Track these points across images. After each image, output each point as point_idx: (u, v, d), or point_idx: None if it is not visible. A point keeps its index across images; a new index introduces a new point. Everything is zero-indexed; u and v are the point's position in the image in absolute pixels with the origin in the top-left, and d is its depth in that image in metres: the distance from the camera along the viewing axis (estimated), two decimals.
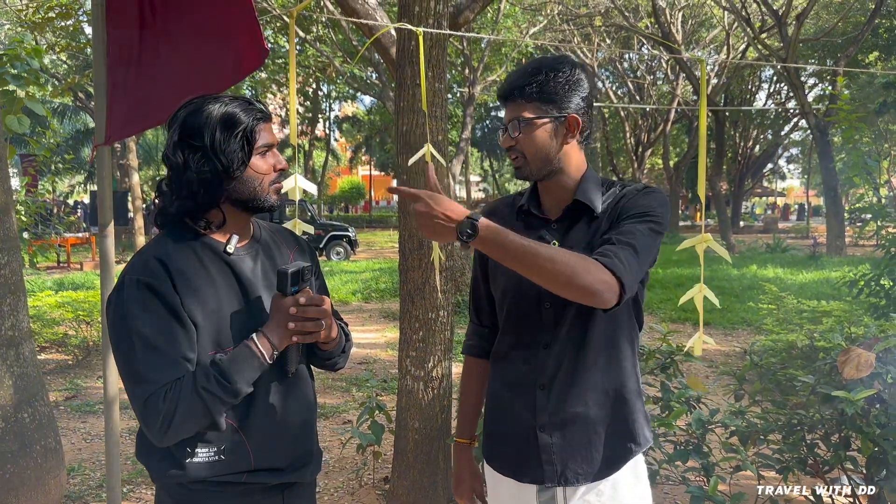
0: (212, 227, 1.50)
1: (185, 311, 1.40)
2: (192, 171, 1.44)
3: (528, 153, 1.61)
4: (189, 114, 1.46)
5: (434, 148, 2.69)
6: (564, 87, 1.59)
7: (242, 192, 1.48)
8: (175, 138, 1.46)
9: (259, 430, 1.49)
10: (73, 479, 4.14)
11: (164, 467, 1.46)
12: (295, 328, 1.44)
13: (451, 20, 4.20)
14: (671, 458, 2.84)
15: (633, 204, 1.57)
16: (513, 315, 1.71)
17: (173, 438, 1.39)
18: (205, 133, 1.43)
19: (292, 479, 1.57)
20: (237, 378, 1.38)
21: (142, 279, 1.39)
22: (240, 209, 1.52)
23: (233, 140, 1.44)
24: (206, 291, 1.44)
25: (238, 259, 1.52)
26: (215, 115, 1.45)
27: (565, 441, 1.64)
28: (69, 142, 27.60)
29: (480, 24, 13.67)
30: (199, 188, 1.45)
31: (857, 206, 5.67)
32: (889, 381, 2.53)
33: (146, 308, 1.37)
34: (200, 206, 1.47)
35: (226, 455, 1.46)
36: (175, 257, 1.43)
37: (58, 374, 6.75)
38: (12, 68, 3.94)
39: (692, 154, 23.16)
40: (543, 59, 1.65)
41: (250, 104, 1.49)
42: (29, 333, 3.33)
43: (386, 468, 4.16)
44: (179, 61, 2.19)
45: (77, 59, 22.01)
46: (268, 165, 1.51)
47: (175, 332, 1.38)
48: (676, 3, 20.55)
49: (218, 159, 1.43)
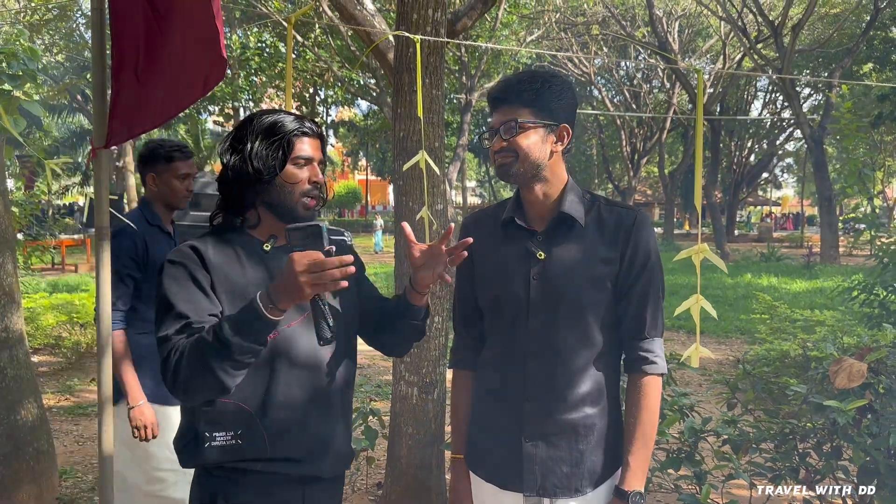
0: (248, 226, 1.61)
1: (213, 292, 1.50)
2: (229, 170, 1.57)
3: (521, 154, 1.63)
4: (247, 119, 1.60)
5: (430, 154, 2.71)
6: (558, 97, 1.63)
7: (273, 197, 1.57)
8: (228, 140, 1.60)
9: (276, 418, 1.53)
10: (65, 481, 4.12)
11: (189, 450, 1.54)
12: (310, 279, 1.33)
13: (449, 27, 4.22)
14: (663, 466, 2.84)
15: (644, 253, 1.66)
16: (501, 325, 1.72)
17: (187, 393, 1.44)
18: (249, 138, 1.56)
19: (310, 471, 1.58)
20: (228, 326, 1.35)
21: (177, 260, 1.51)
22: (272, 213, 1.60)
23: (270, 147, 1.54)
24: (237, 281, 1.53)
25: (273, 257, 1.59)
26: (265, 123, 1.56)
27: (550, 452, 1.65)
28: (64, 143, 27.55)
29: (479, 31, 13.71)
30: (236, 187, 1.56)
31: (851, 215, 5.70)
32: (880, 391, 2.55)
33: (176, 280, 1.49)
34: (237, 205, 1.59)
35: (242, 440, 1.51)
36: (211, 247, 1.55)
37: (51, 377, 6.73)
38: (8, 68, 3.92)
39: (688, 162, 23.25)
40: (537, 69, 1.71)
41: (301, 119, 1.59)
42: (22, 336, 3.32)
43: (379, 473, 4.16)
44: (173, 65, 2.19)
45: (74, 61, 22.00)
46: (303, 176, 1.57)
47: (202, 300, 1.48)
48: (673, 12, 20.66)
49: (251, 163, 1.53)
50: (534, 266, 1.66)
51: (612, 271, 1.65)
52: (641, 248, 1.65)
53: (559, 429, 1.65)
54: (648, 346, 1.64)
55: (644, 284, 1.64)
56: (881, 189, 9.77)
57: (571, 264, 1.64)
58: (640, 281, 1.64)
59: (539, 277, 1.65)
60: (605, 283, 1.64)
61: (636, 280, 1.64)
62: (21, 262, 8.94)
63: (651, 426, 1.63)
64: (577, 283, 1.63)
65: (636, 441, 1.63)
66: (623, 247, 1.64)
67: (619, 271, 1.65)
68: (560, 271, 1.64)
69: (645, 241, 1.65)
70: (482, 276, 1.75)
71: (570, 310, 1.63)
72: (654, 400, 1.63)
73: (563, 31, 19.41)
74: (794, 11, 18.70)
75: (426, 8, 3.24)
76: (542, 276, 1.64)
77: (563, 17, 18.05)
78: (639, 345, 1.65)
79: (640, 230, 1.65)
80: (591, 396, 1.66)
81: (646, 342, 1.65)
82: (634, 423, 1.64)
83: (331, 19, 9.39)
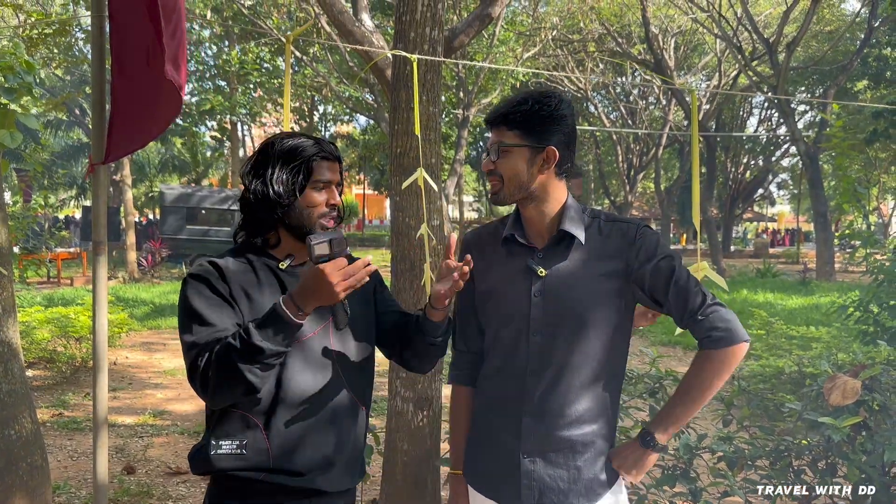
0: (268, 246, 1.68)
1: (234, 301, 1.58)
2: (250, 193, 1.63)
3: (505, 178, 1.67)
4: (269, 142, 1.66)
5: (428, 171, 2.72)
6: (547, 119, 1.63)
7: (293, 219, 1.63)
8: (251, 163, 1.66)
9: (281, 430, 1.56)
10: (58, 497, 4.10)
11: (199, 458, 1.60)
12: (344, 283, 1.47)
13: (447, 44, 4.25)
14: (658, 482, 2.84)
15: (654, 251, 1.66)
16: (501, 341, 1.72)
17: (217, 396, 1.51)
18: (269, 161, 1.62)
19: (313, 485, 1.60)
20: (256, 331, 1.46)
21: (199, 274, 1.59)
22: (291, 234, 1.66)
23: (290, 171, 1.61)
24: (255, 298, 1.60)
25: (289, 276, 1.66)
26: (286, 147, 1.63)
27: (547, 468, 1.66)
28: (61, 157, 27.57)
29: (476, 48, 13.80)
30: (257, 209, 1.63)
31: (846, 232, 5.73)
32: (875, 408, 2.55)
33: (200, 293, 1.57)
34: (259, 227, 1.66)
35: (247, 450, 1.56)
36: (231, 264, 1.62)
37: (45, 391, 6.70)
38: (5, 81, 3.92)
39: (683, 178, 23.34)
40: (533, 91, 1.71)
41: (320, 143, 1.66)
42: (18, 349, 3.31)
43: (374, 490, 4.14)
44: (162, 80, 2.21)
45: (72, 75, 22.06)
46: (321, 199, 1.65)
47: (225, 310, 1.56)
48: (669, 29, 20.82)
49: (271, 186, 1.60)
50: (535, 283, 1.67)
51: (618, 286, 1.65)
52: (650, 249, 1.65)
53: (557, 445, 1.65)
54: (706, 325, 1.61)
55: (667, 272, 1.63)
56: (876, 205, 9.82)
57: (572, 281, 1.65)
58: (662, 273, 1.63)
59: (540, 294, 1.66)
60: (609, 299, 1.65)
61: (659, 274, 1.63)
62: (17, 276, 8.92)
63: (699, 392, 1.62)
64: (578, 300, 1.64)
65: (675, 398, 1.67)
66: (632, 257, 1.65)
67: (637, 278, 1.64)
68: (561, 288, 1.65)
69: (651, 243, 1.66)
70: (483, 292, 1.76)
71: (571, 326, 1.64)
72: (709, 370, 1.61)
73: (559, 49, 19.54)
74: (788, 29, 18.87)
75: (423, 26, 3.27)
76: (543, 293, 1.65)
77: (560, 35, 18.17)
78: (696, 327, 1.62)
79: (645, 237, 1.66)
80: (590, 413, 1.66)
81: (703, 322, 1.61)
82: (682, 385, 1.66)
83: (329, 36, 9.45)
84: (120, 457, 4.89)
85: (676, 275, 1.63)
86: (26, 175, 16.69)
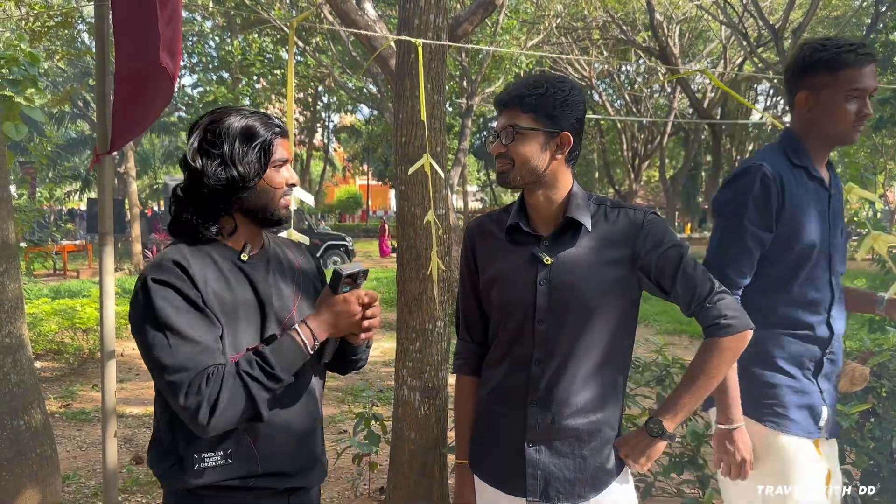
0: (223, 234, 1.54)
1: (206, 307, 1.45)
2: (208, 177, 1.48)
3: (517, 161, 1.64)
4: (211, 122, 1.52)
5: (433, 159, 2.71)
6: (562, 104, 1.61)
7: (255, 202, 1.53)
8: (195, 145, 1.50)
9: (266, 434, 1.51)
10: (67, 487, 4.12)
11: (175, 473, 1.48)
12: (365, 324, 1.54)
13: (450, 33, 4.23)
14: (666, 470, 2.84)
15: (661, 238, 1.65)
16: (505, 331, 1.71)
17: (219, 424, 1.39)
18: (224, 142, 1.49)
19: (299, 483, 1.59)
20: (278, 363, 1.43)
21: (163, 279, 1.42)
22: (251, 220, 1.56)
23: (251, 151, 1.50)
24: (224, 295, 1.48)
25: (252, 267, 1.56)
26: (236, 126, 1.50)
27: (553, 458, 1.65)
28: (65, 149, 27.61)
29: (479, 37, 13.73)
30: (214, 194, 1.49)
31: (854, 219, 5.69)
32: (883, 394, 2.55)
33: (171, 303, 1.41)
34: (214, 213, 1.52)
35: (234, 459, 1.48)
36: (192, 261, 1.47)
37: (53, 382, 6.74)
38: (10, 74, 3.92)
39: (689, 167, 23.25)
40: (545, 74, 1.69)
41: (269, 119, 1.55)
42: (26, 341, 3.33)
43: (382, 478, 4.16)
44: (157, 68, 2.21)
45: (75, 67, 22.05)
46: (281, 179, 1.56)
47: (203, 322, 1.43)
48: (674, 16, 20.69)
49: (235, 168, 1.48)
50: (540, 271, 1.65)
51: (624, 273, 1.64)
52: (658, 236, 1.64)
53: (563, 434, 1.65)
54: (713, 312, 1.61)
55: (675, 260, 1.62)
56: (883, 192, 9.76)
57: (578, 269, 1.63)
58: (670, 261, 1.62)
59: (546, 283, 1.64)
60: (615, 287, 1.64)
61: (667, 262, 1.62)
62: (23, 269, 8.95)
63: (706, 379, 1.62)
64: (584, 288, 1.62)
65: (682, 386, 1.66)
66: (639, 244, 1.64)
67: (644, 266, 1.63)
68: (567, 276, 1.63)
69: (659, 231, 1.65)
70: (487, 281, 1.75)
71: (577, 315, 1.63)
72: (717, 358, 1.61)
73: (563, 36, 19.43)
74: (794, 15, 18.73)
75: (427, 13, 3.25)
76: (549, 282, 1.64)
77: (564, 22, 18.07)
78: (703, 315, 1.63)
79: (653, 224, 1.65)
80: (595, 402, 1.65)
81: (710, 309, 1.61)
82: (688, 373, 1.66)
83: (332, 25, 9.42)
84: (128, 447, 4.91)
85: (684, 263, 1.62)
86: (31, 167, 16.70)
